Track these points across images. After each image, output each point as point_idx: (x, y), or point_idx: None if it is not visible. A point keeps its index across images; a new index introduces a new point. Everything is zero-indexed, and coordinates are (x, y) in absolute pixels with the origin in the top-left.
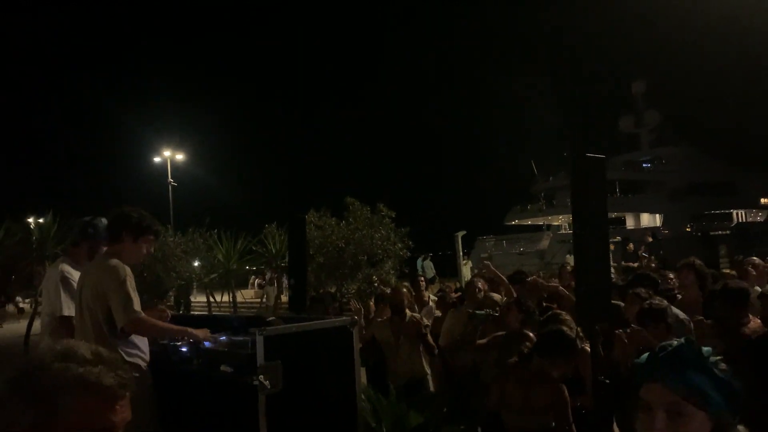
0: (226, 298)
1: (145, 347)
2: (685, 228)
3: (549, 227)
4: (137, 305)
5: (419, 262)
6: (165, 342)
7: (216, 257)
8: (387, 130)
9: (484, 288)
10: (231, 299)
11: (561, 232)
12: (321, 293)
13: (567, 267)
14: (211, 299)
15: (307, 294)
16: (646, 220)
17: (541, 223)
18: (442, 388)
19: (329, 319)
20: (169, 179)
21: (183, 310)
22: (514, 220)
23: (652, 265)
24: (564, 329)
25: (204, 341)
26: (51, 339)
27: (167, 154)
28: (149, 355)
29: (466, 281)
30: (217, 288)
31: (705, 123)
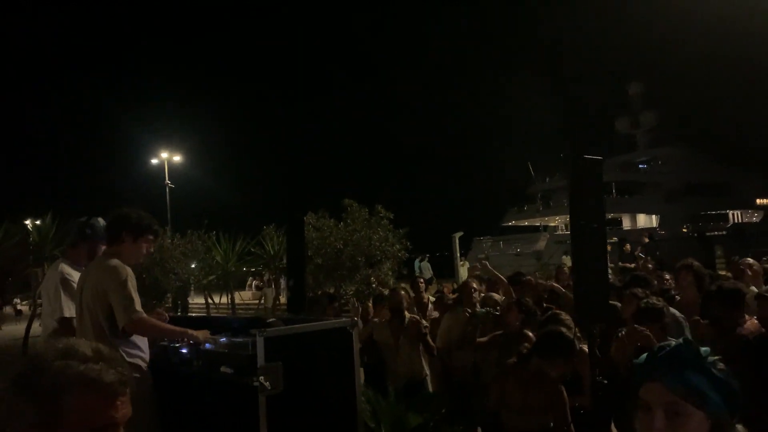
0: (224, 299)
1: (146, 348)
2: (682, 229)
3: (546, 228)
4: (138, 305)
5: (417, 263)
6: (165, 343)
7: (214, 259)
8: (385, 131)
9: (479, 288)
10: (229, 301)
11: (558, 233)
12: (319, 294)
13: (564, 268)
14: (210, 301)
15: (306, 295)
16: (642, 220)
17: (538, 224)
18: (441, 388)
19: (329, 321)
20: (167, 181)
21: (180, 312)
22: (511, 221)
23: (649, 266)
24: (563, 330)
25: (204, 342)
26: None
27: (164, 155)
28: (149, 357)
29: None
30: (216, 290)
31: (701, 124)
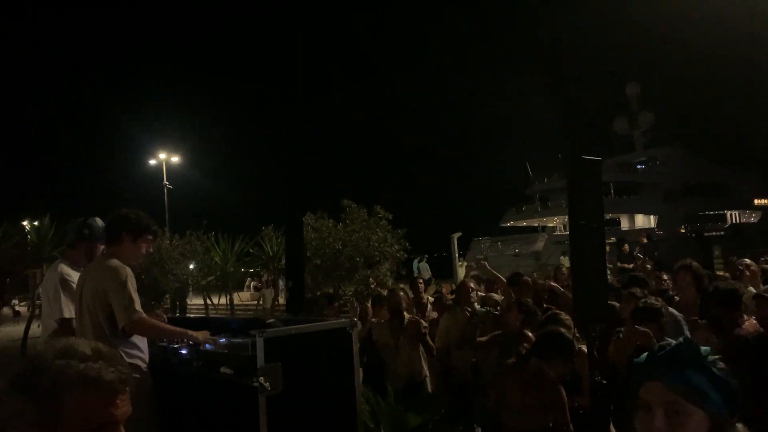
0: (223, 300)
1: (145, 349)
2: (680, 229)
3: (544, 229)
4: (139, 305)
5: (415, 263)
6: (165, 344)
7: (213, 259)
8: (384, 131)
9: (476, 288)
10: (228, 301)
11: (556, 233)
12: (318, 295)
13: (562, 268)
14: (208, 301)
15: (305, 296)
16: (640, 221)
17: (537, 225)
18: (440, 389)
19: (328, 321)
20: (165, 182)
21: (178, 312)
22: (509, 221)
23: (647, 267)
24: (562, 330)
25: (204, 343)
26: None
27: (163, 156)
28: (149, 357)
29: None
30: (214, 290)
31: (700, 124)
